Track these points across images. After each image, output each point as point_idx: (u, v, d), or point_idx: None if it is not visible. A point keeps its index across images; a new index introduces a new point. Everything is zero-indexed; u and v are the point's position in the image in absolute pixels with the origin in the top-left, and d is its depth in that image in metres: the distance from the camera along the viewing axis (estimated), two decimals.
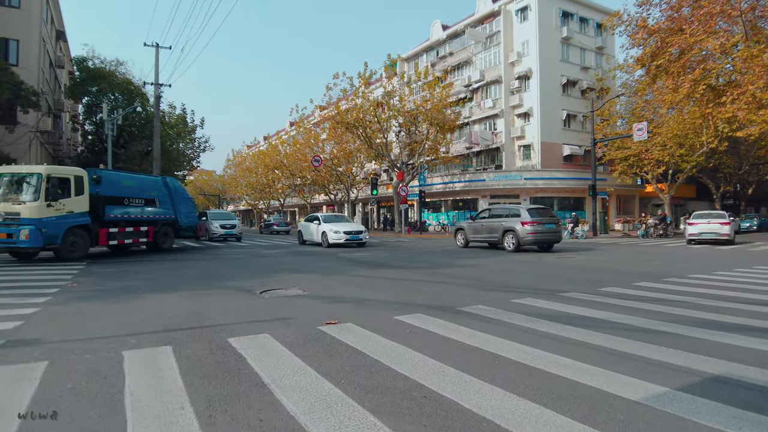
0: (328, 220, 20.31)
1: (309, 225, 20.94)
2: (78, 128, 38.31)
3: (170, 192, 18.31)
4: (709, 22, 19.04)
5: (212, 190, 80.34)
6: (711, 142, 26.52)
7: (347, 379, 3.48)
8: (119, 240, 15.65)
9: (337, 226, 19.15)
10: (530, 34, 37.83)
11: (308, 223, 21.12)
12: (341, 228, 18.98)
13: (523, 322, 5.35)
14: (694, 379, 3.46)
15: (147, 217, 17.05)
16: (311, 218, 21.29)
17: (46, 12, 29.54)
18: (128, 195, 16.23)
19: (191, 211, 19.92)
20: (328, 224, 19.46)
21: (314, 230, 20.20)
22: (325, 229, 19.18)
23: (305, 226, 21.40)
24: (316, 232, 19.89)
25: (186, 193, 20.04)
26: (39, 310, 6.21)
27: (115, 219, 15.55)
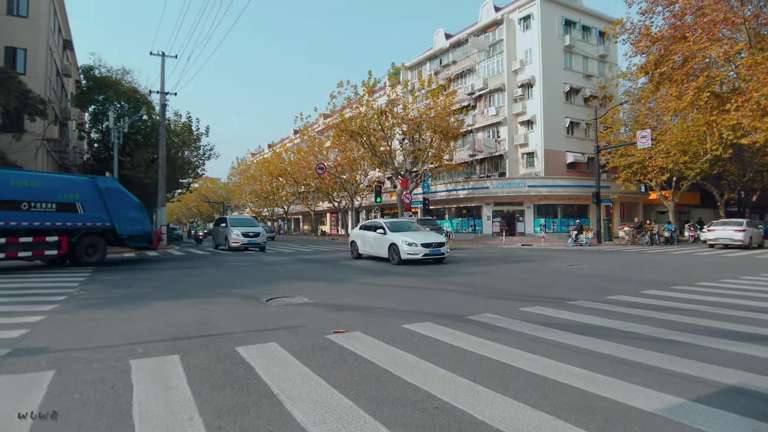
0: (397, 228, 15.74)
1: (367, 235, 16.51)
2: (84, 136, 38.45)
3: (102, 195, 15.25)
4: (712, 29, 19.06)
5: (217, 197, 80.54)
6: (715, 150, 26.42)
7: (357, 390, 3.44)
8: (8, 253, 13.15)
9: (411, 236, 14.69)
10: (533, 42, 37.93)
11: (366, 233, 16.67)
12: (417, 239, 14.52)
13: (533, 330, 5.30)
14: (709, 389, 3.41)
15: (57, 225, 14.25)
16: (370, 226, 16.81)
17: (54, 21, 29.81)
18: (27, 198, 13.67)
19: (138, 218, 16.46)
20: (397, 234, 15.07)
21: (377, 241, 15.74)
22: (394, 240, 14.76)
23: (362, 236, 16.90)
24: (380, 244, 15.50)
25: (128, 196, 16.56)
26: (46, 318, 6.20)
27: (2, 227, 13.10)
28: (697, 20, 19.62)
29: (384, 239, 15.31)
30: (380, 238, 15.54)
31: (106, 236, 15.82)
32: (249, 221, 24.70)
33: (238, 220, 24.49)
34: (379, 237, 15.59)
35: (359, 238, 17.00)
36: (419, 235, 14.98)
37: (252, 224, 24.11)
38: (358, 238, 17.06)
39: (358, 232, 17.28)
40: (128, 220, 15.96)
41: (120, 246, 16.72)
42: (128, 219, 15.97)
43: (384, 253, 15.26)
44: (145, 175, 30.10)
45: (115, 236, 15.88)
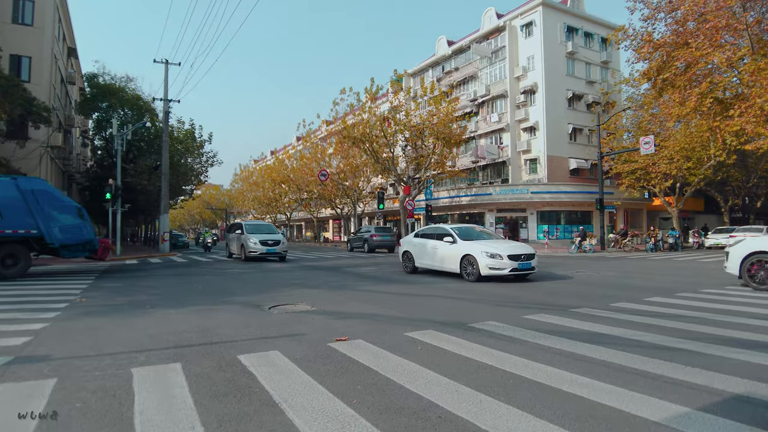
0: (467, 235, 12.56)
1: (428, 244, 13.22)
2: (88, 143, 38.71)
3: (26, 198, 13.39)
4: (714, 36, 19.06)
5: (219, 204, 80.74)
6: (719, 156, 26.35)
7: (360, 398, 3.42)
8: None
9: (492, 246, 11.49)
10: (535, 49, 38.04)
11: (426, 242, 13.29)
12: (500, 249, 11.31)
13: (536, 339, 5.27)
14: (715, 398, 3.37)
15: None
16: (432, 233, 13.47)
17: (58, 30, 30.08)
18: None
19: (76, 224, 14.25)
20: (472, 243, 11.87)
21: (442, 252, 12.60)
22: (470, 251, 11.62)
23: (420, 245, 13.60)
24: (448, 256, 12.35)
25: (62, 200, 14.56)
26: (48, 326, 6.20)
27: None
28: (699, 26, 19.63)
29: (453, 250, 12.15)
30: (447, 248, 12.38)
31: (31, 245, 13.87)
32: (267, 227, 22.03)
33: (255, 226, 21.67)
34: (446, 247, 12.41)
35: (416, 247, 13.75)
36: (502, 245, 11.72)
37: (271, 231, 21.64)
38: (415, 248, 13.79)
39: (415, 241, 13.94)
40: (61, 227, 13.94)
41: (54, 255, 14.75)
42: (61, 225, 13.94)
43: (453, 267, 12.11)
44: (148, 182, 30.23)
45: (44, 245, 13.96)
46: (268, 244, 19.80)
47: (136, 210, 34.81)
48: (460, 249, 12.01)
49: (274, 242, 19.97)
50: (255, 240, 19.77)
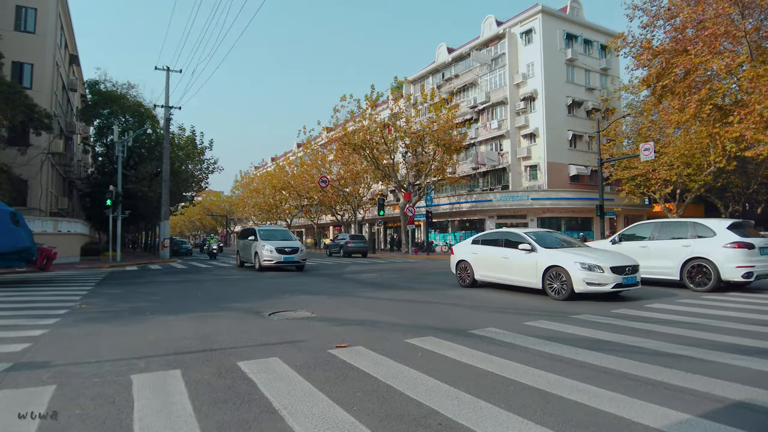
0: (547, 243, 10.23)
1: (492, 253, 10.90)
2: (89, 150, 38.84)
3: None
4: (713, 43, 19.12)
5: (220, 210, 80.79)
6: (719, 162, 26.37)
7: (360, 405, 3.41)
8: None
9: (587, 256, 9.26)
10: (535, 56, 38.20)
11: (489, 249, 11.00)
12: (602, 260, 9.05)
13: (537, 345, 5.26)
14: (716, 405, 3.36)
15: None
16: (495, 239, 11.18)
17: (60, 37, 30.25)
18: None
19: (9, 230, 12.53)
20: (558, 253, 9.60)
21: (513, 262, 10.26)
22: (557, 262, 9.32)
23: (481, 253, 11.27)
24: (522, 267, 10.04)
25: None
26: (47, 332, 6.19)
27: None
28: (698, 33, 19.70)
29: (532, 260, 9.79)
30: (522, 258, 10.02)
31: None
32: (283, 233, 20.04)
33: (270, 231, 19.82)
34: (521, 256, 10.05)
35: (476, 256, 11.43)
36: (599, 255, 9.35)
37: (287, 237, 19.64)
38: (475, 257, 11.46)
39: (474, 249, 11.61)
40: None
41: None
42: None
43: (531, 281, 9.78)
44: (149, 189, 30.28)
45: None
46: (285, 251, 17.66)
47: (136, 216, 34.84)
48: (541, 259, 9.59)
49: (291, 250, 17.86)
50: (270, 247, 17.68)
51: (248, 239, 19.47)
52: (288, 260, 17.72)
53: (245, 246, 20.00)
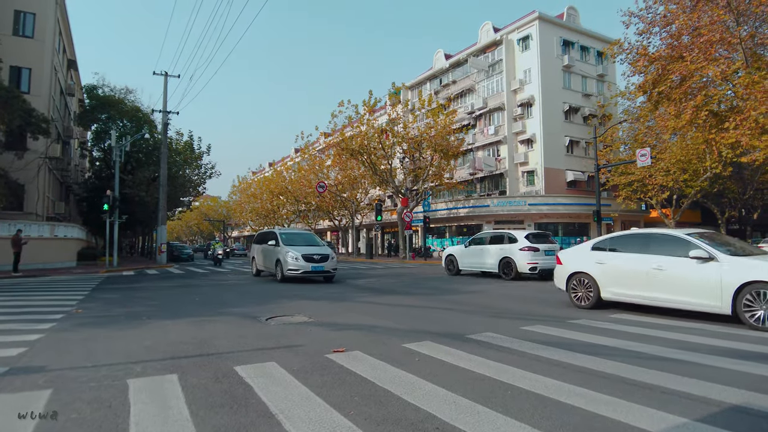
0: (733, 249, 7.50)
1: (638, 262, 8.01)
2: (86, 154, 38.79)
3: None
4: (709, 49, 19.25)
5: (217, 215, 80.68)
6: (715, 168, 26.50)
7: (357, 410, 3.40)
8: None
9: None
10: (532, 62, 38.38)
11: (631, 257, 8.18)
12: None
13: (534, 350, 5.26)
14: (712, 409, 3.37)
15: None
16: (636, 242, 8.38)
17: (59, 42, 30.27)
18: None
19: None
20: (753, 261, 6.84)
21: (675, 274, 7.41)
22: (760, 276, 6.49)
23: (614, 263, 8.42)
24: (695, 284, 7.18)
25: None
26: (43, 337, 6.17)
27: None
28: (693, 40, 19.83)
29: (707, 274, 7.03)
30: (689, 270, 7.26)
31: None
32: (308, 237, 17.30)
33: (293, 235, 16.97)
34: (687, 268, 7.30)
35: (602, 267, 8.55)
36: None
37: (313, 241, 16.90)
38: (600, 269, 8.57)
39: (599, 256, 8.68)
40: None
41: None
42: None
43: (708, 303, 6.99)
44: (146, 194, 30.24)
45: None
46: (313, 259, 14.87)
47: (133, 221, 34.76)
48: (729, 272, 6.77)
49: (321, 257, 15.06)
50: (296, 254, 14.88)
51: (268, 244, 16.60)
52: (317, 270, 14.93)
53: (264, 252, 17.00)
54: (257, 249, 17.98)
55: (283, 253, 15.25)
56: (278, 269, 15.45)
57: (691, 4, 20.17)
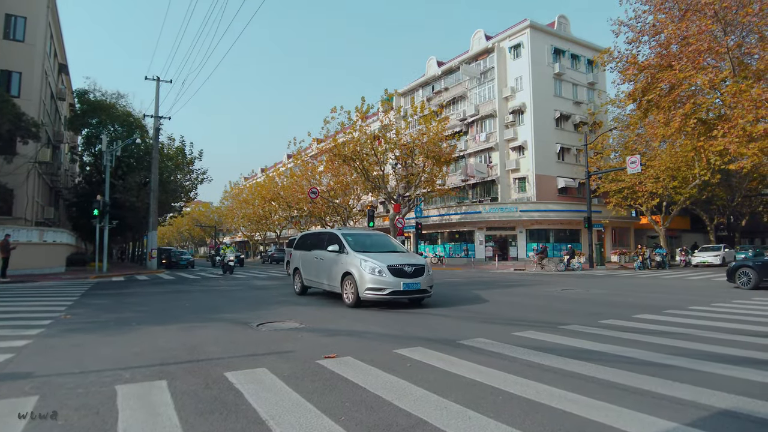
0: None
1: None
2: (76, 159, 38.43)
3: None
4: (697, 58, 19.55)
5: (209, 221, 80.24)
6: (704, 175, 26.83)
7: (348, 416, 3.38)
8: None
9: None
10: (523, 70, 38.70)
11: None
12: None
13: (526, 355, 5.27)
14: (702, 413, 3.39)
15: None
16: None
17: (50, 46, 30.09)
18: None
19: None
20: None
21: None
22: None
23: None
24: None
25: None
26: (31, 343, 6.09)
27: None
28: (682, 49, 20.13)
29: None
30: None
31: None
32: (380, 240, 11.93)
33: (360, 236, 11.78)
34: None
35: None
36: None
37: (389, 245, 11.63)
38: None
39: None
40: None
41: None
42: None
43: None
44: (137, 199, 30.01)
45: None
46: (405, 273, 9.81)
47: (124, 227, 34.47)
48: None
49: (414, 269, 9.96)
50: (377, 265, 9.75)
51: (327, 250, 11.21)
52: (411, 288, 9.74)
53: (317, 262, 11.81)
54: (302, 257, 12.86)
55: (356, 264, 10.02)
56: (347, 287, 10.22)
57: (679, 13, 20.48)
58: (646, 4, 21.62)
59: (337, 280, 10.73)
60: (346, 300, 10.29)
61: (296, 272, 13.07)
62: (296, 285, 13.06)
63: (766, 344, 5.85)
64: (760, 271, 13.69)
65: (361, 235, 11.86)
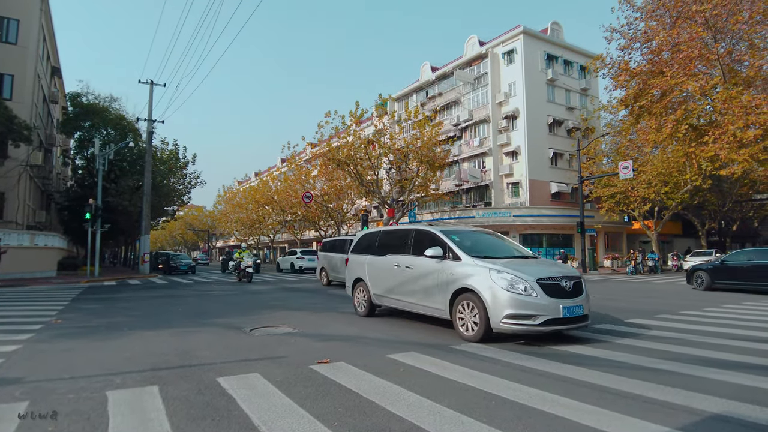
0: None
1: None
2: (69, 163, 38.19)
3: None
4: (688, 65, 19.76)
5: (202, 225, 79.87)
6: (695, 180, 27.06)
7: (341, 421, 3.38)
8: None
9: None
10: (517, 75, 38.96)
11: None
12: None
13: (518, 360, 5.28)
14: (694, 418, 3.41)
15: None
16: None
17: (42, 49, 29.94)
18: None
19: None
20: None
21: None
22: None
23: None
24: None
25: None
26: (20, 348, 6.03)
27: None
28: (673, 56, 20.35)
29: None
30: None
31: None
32: (495, 242, 8.25)
33: (468, 235, 8.15)
34: None
35: None
36: None
37: (510, 250, 7.98)
38: None
39: None
40: None
41: None
42: None
43: None
44: (130, 203, 29.82)
45: None
46: (562, 291, 6.42)
47: (116, 231, 34.23)
48: None
49: (574, 286, 6.57)
50: (522, 279, 6.29)
51: (418, 255, 7.79)
52: (573, 315, 6.37)
53: (404, 272, 8.13)
54: (369, 265, 9.20)
55: (481, 277, 6.54)
56: (465, 312, 6.70)
57: (670, 21, 20.70)
58: (638, 12, 21.86)
59: (440, 300, 7.06)
60: (462, 332, 6.59)
61: (357, 285, 9.59)
62: (359, 302, 9.47)
63: (758, 349, 5.89)
64: (711, 274, 15.17)
65: (466, 233, 8.20)
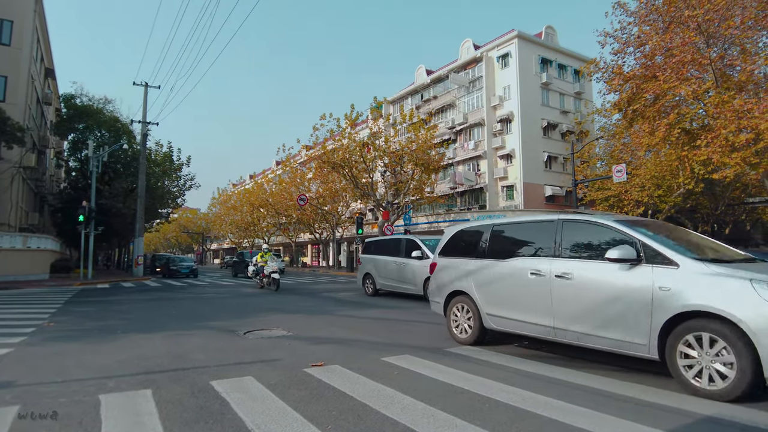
0: None
1: None
2: (62, 165, 37.98)
3: None
4: (681, 69, 19.87)
5: (196, 228, 79.58)
6: (688, 184, 27.20)
7: (335, 424, 3.37)
8: None
9: None
10: (511, 79, 39.13)
11: None
12: None
13: (513, 363, 5.29)
14: (686, 420, 3.43)
15: None
16: None
17: (36, 50, 29.80)
18: None
19: None
20: None
21: None
22: None
23: None
24: None
25: None
26: (12, 351, 5.99)
27: None
28: (666, 61, 20.45)
29: None
30: None
31: None
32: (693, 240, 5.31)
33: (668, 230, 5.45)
34: None
35: None
36: None
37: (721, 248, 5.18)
38: None
39: None
40: None
41: None
42: None
43: None
44: (124, 205, 29.70)
45: None
46: None
47: (110, 233, 33.99)
48: None
49: None
50: None
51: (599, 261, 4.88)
52: None
53: (554, 284, 5.19)
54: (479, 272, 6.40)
55: (737, 293, 3.84)
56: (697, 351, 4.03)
57: (663, 26, 20.84)
58: (631, 16, 21.97)
59: (639, 331, 4.46)
60: (691, 382, 4.07)
61: (455, 301, 6.79)
62: (458, 325, 6.69)
63: None
64: None
65: (648, 223, 5.54)
